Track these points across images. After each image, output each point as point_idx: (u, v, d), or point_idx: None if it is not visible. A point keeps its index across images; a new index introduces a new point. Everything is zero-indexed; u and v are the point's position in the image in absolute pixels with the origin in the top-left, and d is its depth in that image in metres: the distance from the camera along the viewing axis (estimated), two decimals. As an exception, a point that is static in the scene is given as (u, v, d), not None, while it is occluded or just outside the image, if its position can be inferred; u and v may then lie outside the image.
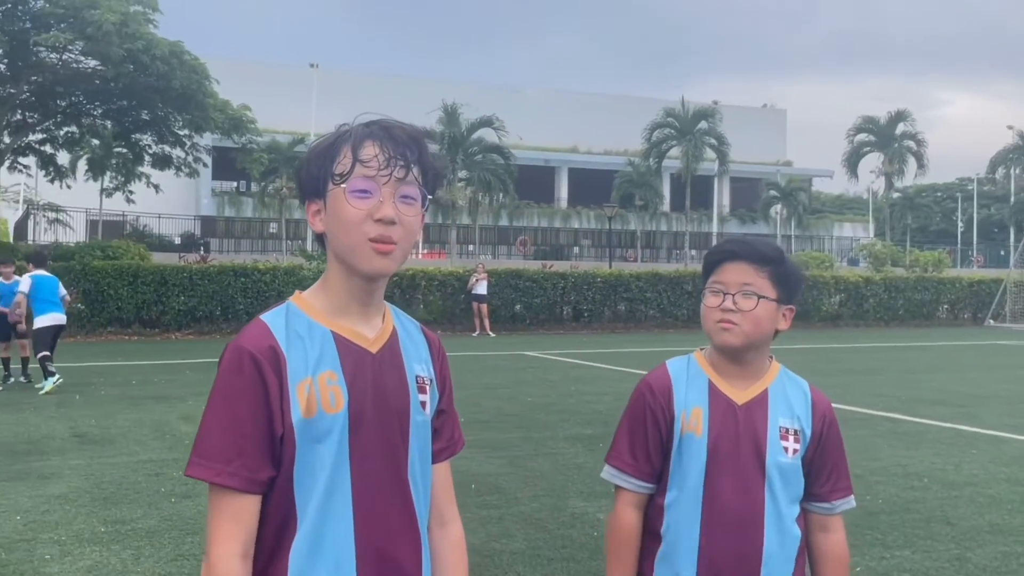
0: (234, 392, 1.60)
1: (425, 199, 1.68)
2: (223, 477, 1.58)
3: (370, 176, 1.62)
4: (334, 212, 1.64)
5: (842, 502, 2.25)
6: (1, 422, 9.83)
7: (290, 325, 1.66)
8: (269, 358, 1.61)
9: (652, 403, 2.22)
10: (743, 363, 2.20)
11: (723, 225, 56.88)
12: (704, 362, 2.26)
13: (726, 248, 2.22)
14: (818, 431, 2.20)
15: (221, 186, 52.60)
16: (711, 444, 2.15)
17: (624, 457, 2.24)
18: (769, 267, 2.16)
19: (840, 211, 72.41)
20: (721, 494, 2.14)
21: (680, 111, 46.03)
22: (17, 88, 26.49)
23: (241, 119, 29.32)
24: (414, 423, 1.72)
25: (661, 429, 2.21)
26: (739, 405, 2.18)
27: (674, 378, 2.25)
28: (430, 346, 1.83)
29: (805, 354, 18.60)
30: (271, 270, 24.05)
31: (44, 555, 5.34)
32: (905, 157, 54.59)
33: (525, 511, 6.36)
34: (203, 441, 1.61)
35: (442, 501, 1.84)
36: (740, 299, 2.14)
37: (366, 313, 1.71)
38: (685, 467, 2.17)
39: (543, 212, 56.75)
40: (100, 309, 22.03)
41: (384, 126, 1.66)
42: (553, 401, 11.76)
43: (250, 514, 1.60)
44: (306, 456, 1.61)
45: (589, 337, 24.68)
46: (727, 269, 2.18)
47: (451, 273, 26.17)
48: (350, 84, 52.05)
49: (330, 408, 1.63)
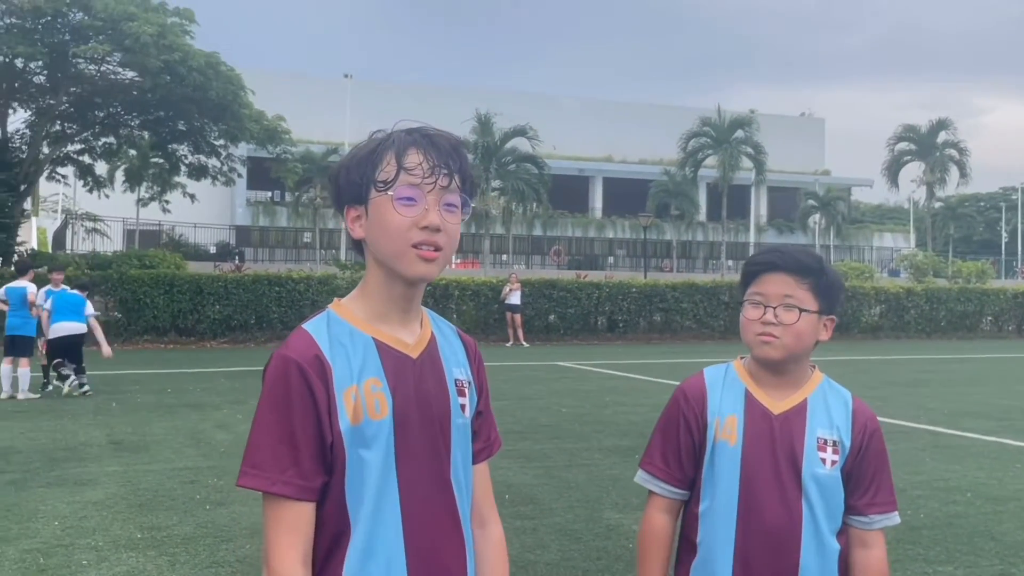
0: (283, 402, 1.61)
1: (466, 206, 1.70)
2: (278, 486, 1.59)
3: (415, 184, 1.63)
4: (377, 219, 1.65)
5: (882, 517, 2.17)
6: (40, 429, 9.93)
7: (332, 333, 1.67)
8: (315, 367, 1.62)
9: (685, 409, 2.20)
10: (783, 373, 2.17)
11: (760, 235, 56.50)
12: (742, 371, 2.23)
13: (766, 259, 2.18)
14: (858, 443, 2.14)
15: (256, 196, 53.13)
16: (745, 453, 2.12)
17: (656, 462, 2.23)
18: (810, 278, 2.11)
19: (880, 221, 71.74)
20: (756, 505, 2.10)
21: (716, 120, 45.80)
22: (56, 99, 26.95)
23: (275, 129, 29.63)
24: (455, 426, 1.74)
25: (694, 435, 2.18)
26: (775, 415, 2.14)
27: (709, 385, 2.22)
28: (467, 350, 1.85)
29: (844, 366, 18.37)
30: (305, 279, 24.17)
31: (82, 560, 5.36)
32: (947, 166, 53.93)
33: (560, 522, 6.30)
34: (255, 451, 1.62)
35: (482, 501, 1.86)
36: (781, 312, 2.10)
37: (406, 319, 1.73)
38: (718, 475, 2.14)
39: (577, 222, 56.69)
40: (136, 317, 22.26)
41: (426, 134, 1.68)
42: (588, 412, 11.68)
43: (307, 522, 1.61)
44: (355, 463, 1.63)
45: (624, 348, 24.54)
46: (767, 280, 2.14)
47: (484, 283, 26.16)
48: (383, 94, 52.45)
49: (375, 415, 1.64)
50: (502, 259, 48.17)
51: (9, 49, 24.21)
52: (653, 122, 60.28)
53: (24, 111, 28.48)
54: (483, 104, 43.02)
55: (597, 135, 59.36)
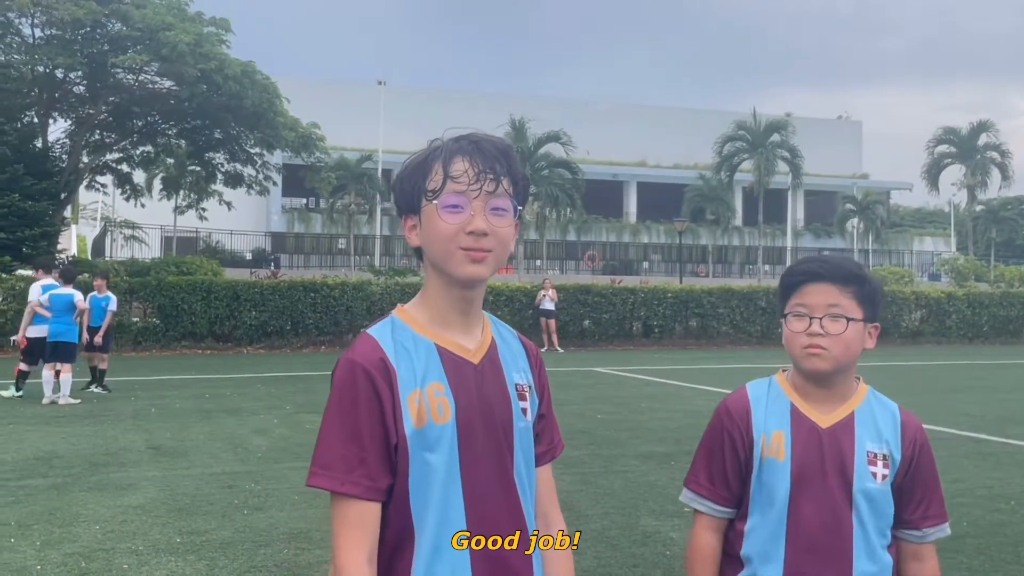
0: (350, 404, 1.66)
1: (516, 210, 1.73)
2: (347, 486, 1.63)
3: (461, 191, 1.67)
4: (428, 227, 1.71)
5: (934, 530, 2.14)
6: (81, 434, 10.06)
7: (396, 338, 1.72)
8: (381, 371, 1.67)
9: (730, 427, 2.16)
10: (830, 386, 2.12)
11: (797, 239, 55.98)
12: (786, 384, 2.18)
13: (808, 268, 2.12)
14: (908, 455, 2.10)
15: (291, 203, 53.52)
16: (795, 469, 2.08)
17: (702, 481, 2.20)
18: (854, 286, 2.07)
19: (920, 225, 70.74)
20: (807, 521, 2.06)
21: (752, 124, 45.49)
22: (96, 109, 27.35)
23: (310, 137, 29.82)
24: (517, 429, 1.77)
25: (739, 454, 2.15)
26: (824, 429, 2.10)
27: (753, 401, 2.18)
28: (528, 354, 1.90)
29: (884, 371, 18.12)
30: (340, 285, 24.29)
31: (122, 565, 5.40)
32: (988, 169, 53.13)
33: (596, 528, 6.26)
34: (324, 452, 1.66)
35: (546, 503, 1.89)
36: (828, 323, 2.05)
37: (466, 323, 1.78)
38: (768, 492, 2.10)
39: (611, 227, 56.48)
40: (174, 324, 22.50)
41: (473, 140, 1.72)
42: (624, 418, 11.62)
43: (373, 521, 1.65)
44: (419, 466, 1.67)
45: (660, 353, 24.41)
46: (810, 291, 2.08)
47: (519, 288, 26.14)
48: (417, 101, 52.64)
49: (439, 418, 1.68)
50: (536, 264, 48.11)
51: (49, 60, 24.61)
52: (687, 126, 59.99)
53: (64, 121, 28.96)
54: (517, 110, 43.06)
55: (631, 140, 59.14)
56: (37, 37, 25.46)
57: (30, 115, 27.89)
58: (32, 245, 24.35)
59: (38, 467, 8.23)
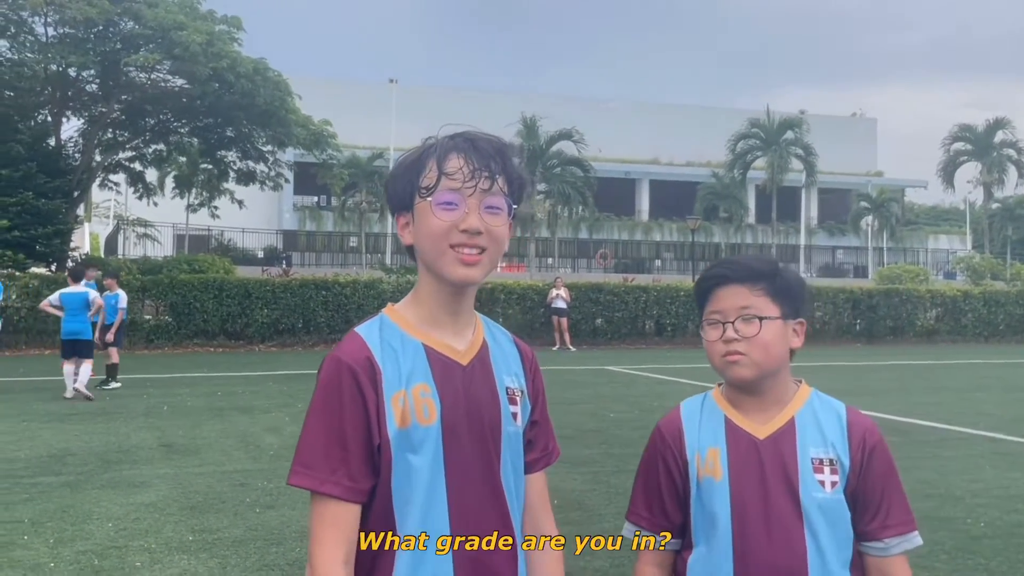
0: (334, 403, 1.64)
1: (511, 209, 1.70)
2: (327, 486, 1.61)
3: (455, 188, 1.64)
4: (421, 224, 1.68)
5: (899, 540, 1.93)
6: (93, 431, 10.07)
7: (384, 338, 1.70)
8: (366, 370, 1.65)
9: (663, 449, 2.03)
10: (760, 393, 1.97)
11: (811, 238, 55.80)
12: (721, 398, 2.05)
13: (715, 272, 2.01)
14: (858, 459, 1.92)
15: (302, 201, 53.63)
16: (734, 487, 1.92)
17: (640, 511, 2.04)
18: (763, 283, 1.94)
19: (935, 222, 70.30)
20: (754, 544, 1.88)
21: (765, 121, 45.34)
22: (108, 107, 27.44)
23: (322, 134, 29.88)
24: (506, 434, 1.73)
25: (674, 476, 2.00)
26: (761, 440, 1.94)
27: (685, 419, 2.04)
28: (522, 358, 1.85)
29: (899, 371, 18.06)
30: (351, 283, 24.33)
31: (135, 562, 5.40)
32: (1005, 166, 52.76)
33: (609, 528, 6.22)
34: (305, 451, 1.64)
35: (539, 511, 1.86)
36: (741, 325, 1.93)
37: (456, 324, 1.74)
38: (708, 516, 1.94)
39: (623, 225, 56.40)
40: (186, 321, 22.56)
41: (469, 138, 1.69)
42: (636, 417, 11.56)
43: (352, 523, 1.63)
44: (402, 467, 1.64)
45: (672, 352, 24.34)
46: (720, 295, 1.97)
47: (530, 286, 26.11)
48: (429, 99, 52.60)
49: (423, 420, 1.65)
50: (548, 262, 48.10)
51: (62, 58, 24.69)
52: (700, 124, 59.82)
53: (77, 119, 29.05)
54: (529, 107, 43.03)
55: (643, 137, 59.02)
56: (50, 36, 25.54)
57: (43, 113, 28.00)
58: (45, 243, 24.46)
59: (51, 464, 8.24)
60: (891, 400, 13.44)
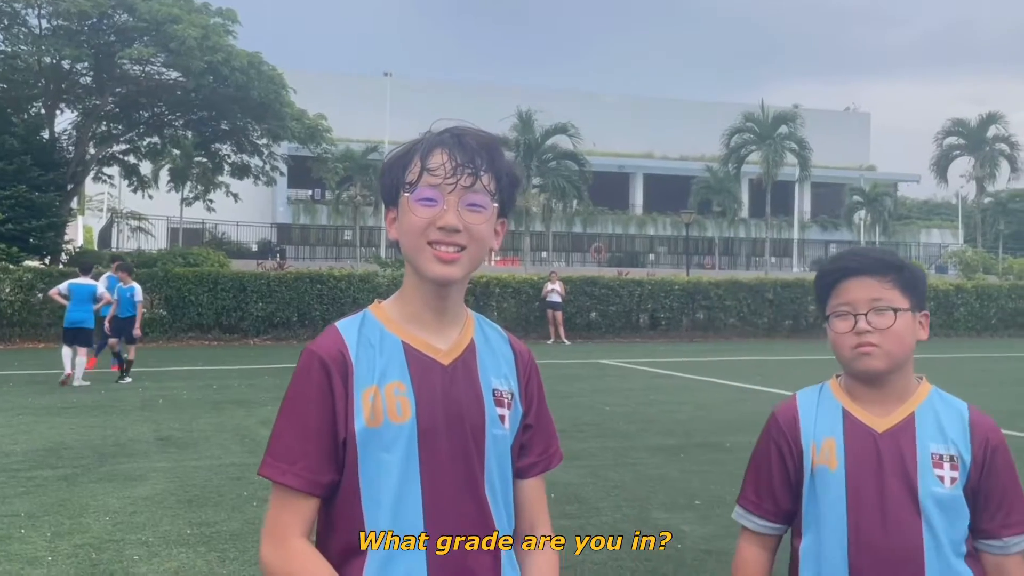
0: (302, 395, 1.64)
1: (496, 207, 1.67)
2: (287, 477, 1.61)
3: (435, 184, 1.62)
4: (402, 220, 1.67)
5: (1019, 539, 1.96)
6: (90, 425, 10.06)
7: (363, 333, 1.68)
8: (337, 363, 1.64)
9: (777, 437, 2.05)
10: (885, 386, 1.98)
11: (804, 232, 55.87)
12: (838, 389, 2.05)
13: (841, 264, 2.00)
14: (980, 457, 1.94)
15: (297, 194, 53.49)
16: (849, 478, 1.94)
17: (749, 496, 2.10)
18: (892, 274, 1.95)
19: (927, 217, 70.43)
20: (869, 534, 1.91)
21: (759, 115, 45.27)
22: (102, 100, 27.34)
23: (317, 128, 29.82)
24: (491, 437, 1.69)
25: (787, 464, 2.03)
26: (879, 433, 1.95)
27: (801, 409, 2.05)
28: (516, 359, 1.80)
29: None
30: (346, 277, 24.31)
31: (133, 556, 5.40)
32: (997, 160, 52.76)
33: (607, 521, 6.24)
34: (274, 441, 1.65)
35: (535, 517, 1.80)
36: (874, 317, 1.92)
37: (440, 322, 1.71)
38: (821, 505, 1.97)
39: (618, 219, 56.41)
40: (181, 315, 22.52)
41: (456, 134, 1.67)
42: (632, 410, 11.59)
43: (308, 515, 1.62)
44: (371, 464, 1.62)
45: (667, 346, 24.38)
46: (849, 287, 1.96)
47: (525, 280, 26.12)
48: (424, 92, 52.50)
49: (396, 417, 1.63)
50: (542, 256, 48.06)
51: (56, 51, 24.60)
52: (694, 118, 59.82)
53: (71, 112, 28.95)
54: (524, 101, 42.94)
55: (638, 132, 59.02)
56: (44, 28, 25.42)
57: (37, 106, 27.91)
58: (39, 236, 24.40)
59: (47, 458, 8.23)
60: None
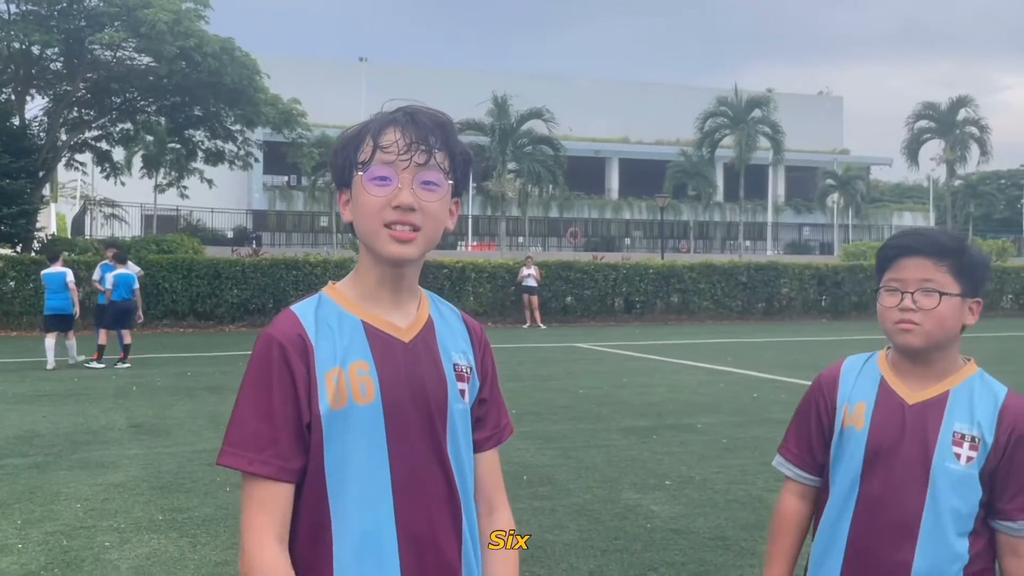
0: (263, 380, 1.60)
1: (450, 184, 1.66)
2: (256, 466, 1.58)
3: (389, 162, 1.61)
4: (356, 200, 1.64)
5: None
6: (62, 413, 10.02)
7: (320, 315, 1.66)
8: (297, 346, 1.61)
9: (817, 396, 2.21)
10: (925, 363, 2.08)
11: (778, 215, 56.20)
12: (883, 360, 2.18)
13: (902, 242, 2.10)
14: (1003, 442, 2.01)
15: (272, 180, 53.25)
16: (871, 440, 2.07)
17: (790, 446, 2.25)
18: (949, 259, 2.03)
19: (899, 200, 71.01)
20: (876, 495, 2.05)
21: (733, 100, 45.44)
22: (73, 85, 27.03)
23: (291, 113, 29.65)
24: (453, 411, 1.70)
25: (823, 421, 2.18)
26: (909, 405, 2.07)
27: (844, 372, 2.20)
28: (470, 334, 1.81)
29: (865, 345, 18.19)
30: (322, 263, 24.24)
31: (104, 542, 5.41)
32: (967, 144, 53.19)
33: (578, 502, 6.30)
34: (235, 430, 1.61)
35: (490, 489, 1.81)
36: (920, 297, 2.02)
37: (397, 300, 1.70)
38: (843, 461, 2.12)
39: (594, 203, 56.52)
40: (155, 302, 22.38)
41: (408, 112, 1.65)
42: (606, 393, 11.67)
43: (284, 503, 1.60)
44: (337, 446, 1.60)
45: (641, 329, 24.50)
46: (904, 265, 2.05)
47: (501, 265, 26.15)
48: (399, 77, 52.16)
49: (361, 398, 1.61)
50: (518, 241, 48.10)
51: (26, 36, 24.27)
52: (669, 102, 59.94)
53: (41, 98, 28.59)
54: (499, 86, 42.84)
55: (613, 116, 59.08)
56: (12, 13, 25.07)
57: (6, 92, 27.52)
58: (10, 224, 24.11)
59: (18, 446, 8.20)
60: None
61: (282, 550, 1.58)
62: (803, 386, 13.05)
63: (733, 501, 6.36)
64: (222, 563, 5.06)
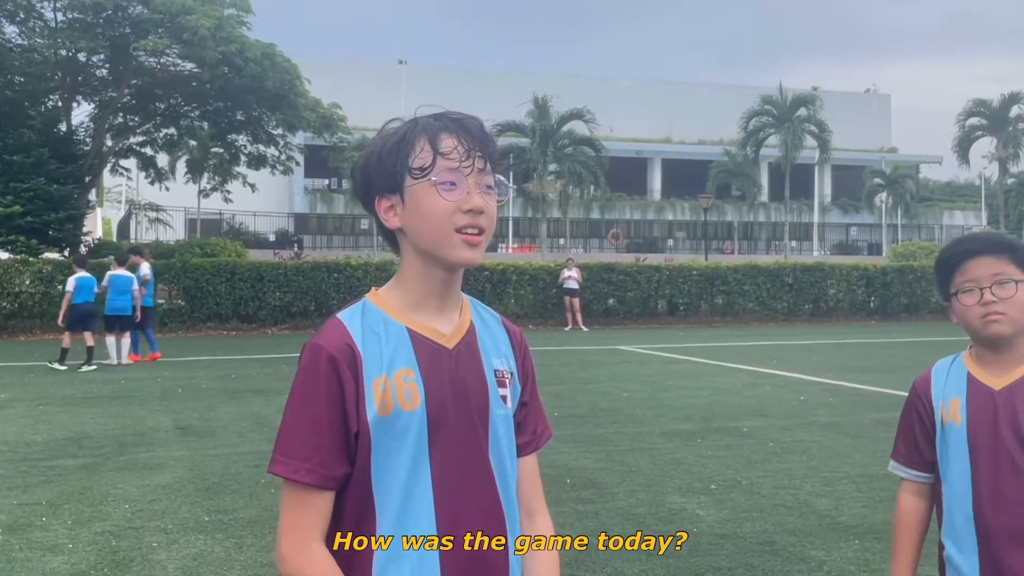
0: (311, 390, 1.62)
1: (502, 187, 1.70)
2: (300, 474, 1.59)
3: (454, 168, 1.62)
4: (417, 207, 1.64)
5: None
6: (109, 414, 10.14)
7: (366, 322, 1.67)
8: (346, 356, 1.62)
9: (915, 400, 2.37)
10: (1009, 350, 2.25)
11: (824, 215, 55.52)
12: (968, 358, 2.34)
13: (962, 247, 2.28)
14: None
15: (313, 184, 53.63)
16: (970, 430, 2.23)
17: (900, 449, 2.42)
18: (1008, 253, 2.22)
19: (950, 198, 69.70)
20: (989, 478, 2.19)
21: (778, 98, 44.99)
22: (118, 92, 27.46)
23: (332, 117, 29.85)
24: (495, 417, 1.71)
25: (924, 421, 2.34)
26: (996, 390, 2.23)
27: (935, 373, 2.37)
28: (511, 339, 1.82)
29: (914, 347, 17.96)
30: (363, 265, 24.37)
31: (152, 543, 5.44)
32: (1020, 141, 52.24)
33: (622, 506, 6.23)
34: (284, 439, 1.63)
35: (529, 494, 1.82)
36: (997, 289, 2.20)
37: (443, 307, 1.71)
38: (950, 456, 2.26)
39: (635, 204, 56.22)
40: (200, 305, 22.66)
41: (455, 118, 1.68)
42: (649, 395, 11.57)
43: (324, 509, 1.61)
44: (384, 453, 1.62)
45: (685, 331, 24.32)
46: (970, 266, 2.23)
47: (542, 267, 26.10)
48: (438, 79, 52.46)
49: (407, 405, 1.62)
50: (559, 243, 48.02)
51: (72, 44, 24.70)
52: (712, 102, 59.47)
53: (87, 104, 29.07)
54: (539, 87, 42.80)
55: (655, 116, 58.75)
56: (59, 21, 25.53)
57: (53, 99, 28.03)
58: (58, 228, 24.56)
59: (68, 447, 8.31)
60: (908, 378, 13.40)
61: (325, 550, 1.60)
62: (851, 389, 12.82)
63: (780, 506, 6.25)
64: (268, 564, 5.06)
